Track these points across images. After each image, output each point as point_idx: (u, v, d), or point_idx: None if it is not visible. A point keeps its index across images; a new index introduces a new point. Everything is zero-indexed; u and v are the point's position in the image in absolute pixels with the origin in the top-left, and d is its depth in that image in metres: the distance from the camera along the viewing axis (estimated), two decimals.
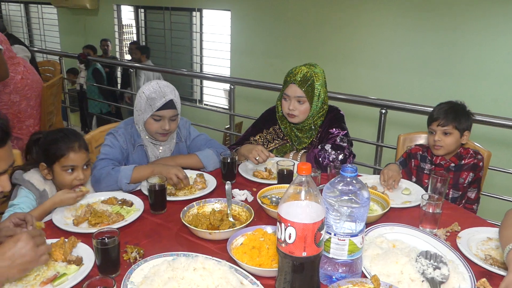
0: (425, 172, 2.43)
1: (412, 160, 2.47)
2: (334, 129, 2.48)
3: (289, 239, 1.23)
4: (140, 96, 2.24)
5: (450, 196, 2.40)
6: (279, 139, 2.64)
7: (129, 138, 2.33)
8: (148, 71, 6.83)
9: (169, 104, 2.22)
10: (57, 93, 4.83)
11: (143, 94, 2.23)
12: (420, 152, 2.48)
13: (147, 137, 2.34)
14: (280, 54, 6.76)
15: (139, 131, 2.33)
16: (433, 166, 2.42)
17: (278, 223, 1.26)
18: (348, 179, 1.34)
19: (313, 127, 2.52)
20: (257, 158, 2.32)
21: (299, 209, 1.23)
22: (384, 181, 2.21)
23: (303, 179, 1.24)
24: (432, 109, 2.46)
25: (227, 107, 7.82)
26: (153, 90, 2.22)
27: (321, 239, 1.25)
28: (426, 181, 2.36)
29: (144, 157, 2.37)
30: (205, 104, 8.28)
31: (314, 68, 2.43)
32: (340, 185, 1.34)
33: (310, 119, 2.49)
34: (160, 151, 2.39)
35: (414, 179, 2.47)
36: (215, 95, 8.07)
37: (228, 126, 4.75)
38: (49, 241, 1.53)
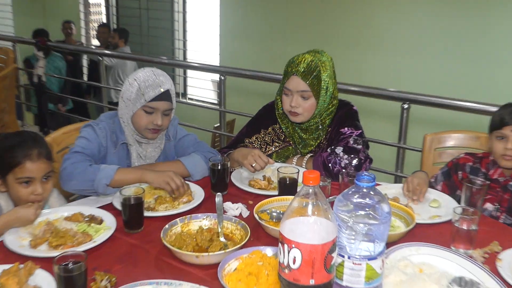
0: (476, 187, 2.32)
1: (459, 173, 2.41)
2: (346, 129, 2.48)
3: (294, 263, 1.21)
4: (131, 84, 2.27)
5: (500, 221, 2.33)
6: (279, 141, 2.64)
7: (110, 134, 2.34)
8: (125, 60, 6.82)
9: (165, 96, 2.27)
10: (10, 86, 4.82)
11: (134, 81, 2.26)
12: (471, 163, 2.41)
13: (132, 133, 2.35)
14: (280, 38, 6.77)
15: (123, 126, 2.34)
16: (487, 182, 2.26)
17: (280, 244, 1.25)
18: (365, 190, 1.33)
19: (320, 127, 2.51)
20: (253, 165, 2.31)
21: (306, 227, 1.22)
22: (409, 191, 2.21)
23: (310, 190, 1.23)
24: (471, 103, 2.42)
25: (216, 101, 7.83)
26: (147, 77, 2.26)
27: (332, 263, 1.24)
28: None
29: (124, 158, 2.38)
30: (189, 99, 8.29)
31: (320, 56, 2.42)
32: (355, 197, 1.33)
33: (317, 117, 2.48)
34: (147, 152, 2.40)
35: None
36: (201, 88, 8.07)
37: (218, 124, 4.75)
38: (0, 267, 1.52)
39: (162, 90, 2.26)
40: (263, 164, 2.32)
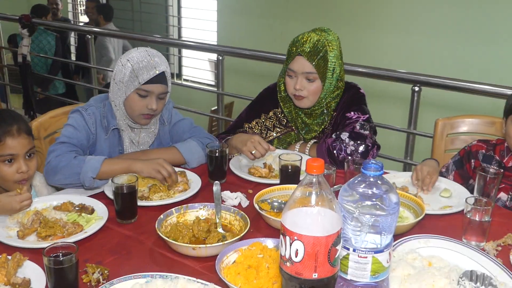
0: (490, 176, 2.32)
1: (472, 161, 2.42)
2: (352, 113, 2.49)
3: (296, 256, 1.23)
4: (124, 65, 2.27)
5: None
6: (281, 126, 2.65)
7: (100, 119, 2.35)
8: (112, 39, 6.78)
9: (160, 78, 2.28)
10: None
11: (127, 62, 2.27)
12: (484, 151, 2.41)
13: (124, 118, 2.36)
14: (281, 15, 6.74)
15: (115, 111, 2.35)
16: (502, 170, 2.23)
17: (281, 236, 1.27)
18: (372, 179, 1.34)
19: (325, 111, 2.52)
20: (253, 152, 2.33)
21: (309, 218, 1.23)
22: (418, 180, 2.23)
23: (314, 179, 1.25)
24: (487, 86, 2.40)
25: (213, 83, 7.82)
26: (142, 58, 2.26)
27: (336, 256, 1.26)
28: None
29: (116, 144, 2.40)
30: (184, 80, 8.27)
31: (326, 35, 2.43)
32: (361, 186, 1.35)
33: (322, 101, 2.49)
34: (140, 137, 2.41)
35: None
36: (197, 68, 8.05)
37: (215, 107, 4.75)
38: None
39: (157, 72, 2.26)
40: (263, 151, 2.33)
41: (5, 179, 2.02)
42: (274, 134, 2.65)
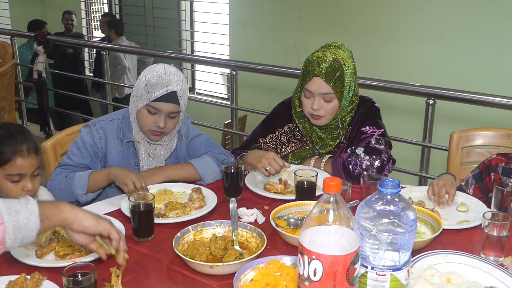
0: (507, 190, 2.30)
1: (492, 174, 2.40)
2: (367, 127, 2.49)
3: (314, 275, 1.24)
4: (140, 79, 2.32)
5: None
6: (296, 141, 2.65)
7: (116, 132, 2.40)
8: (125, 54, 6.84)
9: (171, 97, 2.28)
10: (9, 84, 4.88)
11: (143, 77, 2.31)
12: (503, 164, 2.40)
13: (139, 131, 2.40)
14: (294, 27, 6.77)
15: (132, 123, 2.39)
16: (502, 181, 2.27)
17: (299, 255, 1.27)
18: (389, 197, 1.34)
19: (340, 126, 2.52)
20: (268, 169, 2.33)
21: (327, 237, 1.24)
22: (434, 195, 2.22)
23: (331, 198, 1.25)
24: (501, 98, 2.39)
25: (226, 96, 7.85)
26: (156, 74, 2.29)
27: (355, 275, 1.26)
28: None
29: (132, 156, 2.43)
30: (197, 94, 8.31)
31: (340, 52, 2.43)
32: (378, 204, 1.35)
33: (338, 117, 2.50)
34: (156, 150, 2.44)
35: None
36: (211, 82, 8.09)
37: (229, 121, 4.77)
38: (6, 278, 1.56)
39: (168, 90, 2.27)
40: (278, 167, 2.33)
41: (10, 196, 2.02)
42: (289, 149, 2.65)
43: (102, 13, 8.53)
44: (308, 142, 2.63)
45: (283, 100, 2.76)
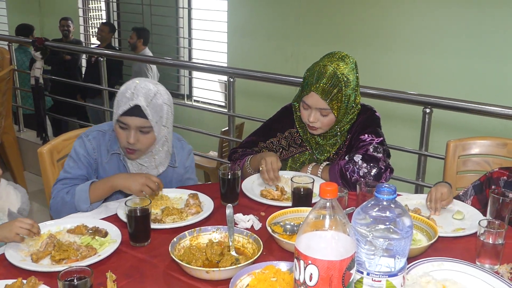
0: (504, 199, 2.29)
1: (493, 187, 2.41)
2: (366, 135, 2.50)
3: (310, 280, 1.24)
4: (117, 93, 2.30)
5: None
6: (296, 146, 2.66)
7: (105, 142, 2.38)
8: (149, 66, 6.82)
9: (135, 111, 2.21)
10: (6, 90, 4.88)
11: (119, 91, 2.29)
12: (505, 178, 2.41)
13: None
14: (292, 35, 6.79)
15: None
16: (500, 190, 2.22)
17: (295, 260, 1.28)
18: (385, 203, 1.35)
19: (339, 133, 2.54)
20: (263, 167, 2.36)
21: (323, 242, 1.25)
22: (430, 201, 2.22)
23: (328, 203, 1.26)
24: (498, 108, 2.39)
25: (223, 103, 7.86)
26: (126, 89, 2.26)
27: (350, 280, 1.26)
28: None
29: (116, 169, 2.41)
30: (195, 101, 8.33)
31: (343, 65, 2.40)
32: (375, 210, 1.36)
33: (336, 127, 2.52)
34: (142, 166, 2.41)
35: None
36: (208, 89, 8.11)
37: (226, 128, 4.78)
38: (3, 283, 1.56)
39: (130, 105, 2.20)
40: (270, 178, 2.38)
41: None
42: (289, 154, 2.66)
43: (104, 22, 8.54)
44: (308, 147, 2.64)
45: (285, 105, 2.76)
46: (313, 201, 2.19)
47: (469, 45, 5.47)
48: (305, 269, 1.25)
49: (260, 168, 2.38)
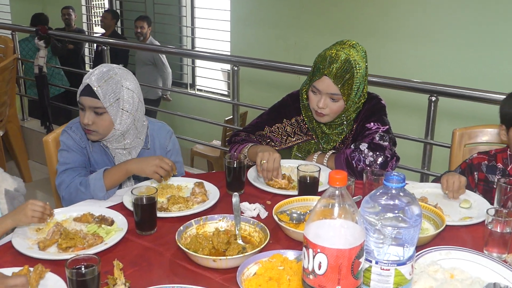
0: (495, 186, 2.33)
1: (475, 173, 2.40)
2: (372, 124, 2.48)
3: (319, 269, 1.24)
4: None
5: None
6: (301, 134, 2.64)
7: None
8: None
9: (86, 91, 2.23)
10: (10, 78, 4.86)
11: None
12: (486, 162, 2.41)
13: None
14: (295, 24, 6.76)
15: None
16: (509, 179, 2.20)
17: (304, 248, 1.28)
18: (394, 191, 1.34)
19: (345, 122, 2.52)
20: (263, 162, 2.32)
21: (332, 231, 1.24)
22: (449, 191, 2.21)
23: (337, 192, 1.25)
24: (504, 96, 2.40)
25: (226, 92, 7.85)
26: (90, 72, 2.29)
27: (359, 268, 1.26)
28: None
29: (102, 154, 2.41)
30: (198, 90, 8.31)
31: (355, 52, 2.38)
32: (383, 198, 1.35)
33: (342, 116, 2.49)
34: (121, 154, 2.40)
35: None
36: (211, 78, 8.09)
37: (230, 117, 4.77)
38: (10, 270, 1.56)
39: (83, 84, 2.24)
40: (267, 176, 2.33)
41: None
42: (294, 141, 2.65)
43: (106, 9, 8.51)
44: (314, 136, 2.62)
45: (292, 92, 2.73)
46: (319, 190, 2.18)
47: (474, 35, 5.43)
48: (314, 258, 1.24)
49: (261, 164, 2.34)
